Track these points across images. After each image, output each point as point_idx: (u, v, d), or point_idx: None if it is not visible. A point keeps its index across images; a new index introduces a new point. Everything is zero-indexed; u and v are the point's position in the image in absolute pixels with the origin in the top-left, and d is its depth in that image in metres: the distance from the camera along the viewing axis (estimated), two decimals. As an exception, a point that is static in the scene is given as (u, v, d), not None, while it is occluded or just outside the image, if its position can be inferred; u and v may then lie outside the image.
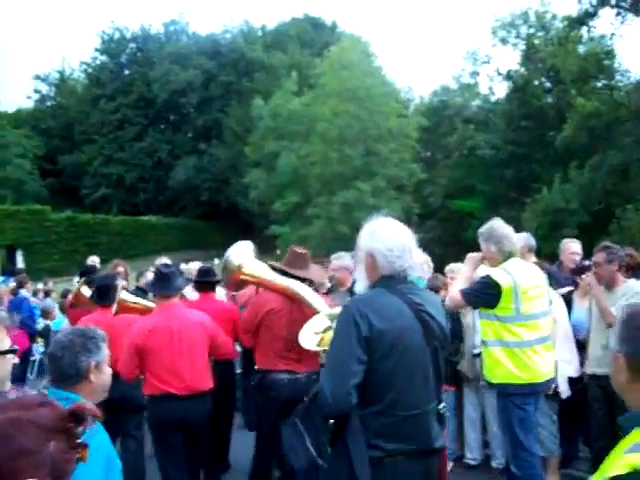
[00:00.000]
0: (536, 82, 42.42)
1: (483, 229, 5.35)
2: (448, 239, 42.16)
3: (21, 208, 43.25)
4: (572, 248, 7.74)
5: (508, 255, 5.15)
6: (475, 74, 47.00)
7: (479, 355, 6.15)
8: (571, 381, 6.16)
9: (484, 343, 5.21)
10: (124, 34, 62.05)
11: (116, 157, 56.40)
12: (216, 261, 36.25)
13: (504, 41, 44.09)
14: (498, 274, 5.01)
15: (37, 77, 63.46)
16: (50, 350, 3.12)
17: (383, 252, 3.37)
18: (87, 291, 6.93)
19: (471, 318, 6.77)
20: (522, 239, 7.75)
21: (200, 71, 56.58)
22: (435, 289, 6.62)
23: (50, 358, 3.09)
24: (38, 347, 14.42)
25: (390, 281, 3.35)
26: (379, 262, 3.39)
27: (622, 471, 1.72)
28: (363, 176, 39.18)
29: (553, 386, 5.66)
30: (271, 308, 5.58)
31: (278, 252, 41.54)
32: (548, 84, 42.44)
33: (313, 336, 4.72)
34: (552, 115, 39.33)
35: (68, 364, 3.03)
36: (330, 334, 3.84)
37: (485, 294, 5.02)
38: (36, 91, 63.79)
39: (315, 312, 5.21)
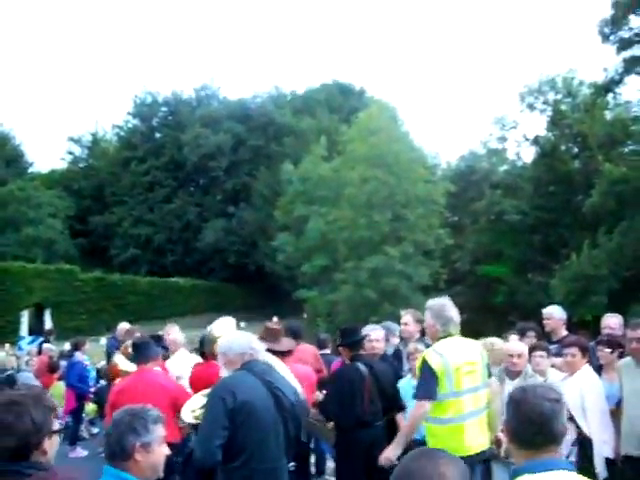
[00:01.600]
0: (563, 147, 42.63)
1: (434, 304, 5.58)
2: (476, 304, 41.87)
3: (51, 267, 43.64)
4: (610, 324, 7.59)
5: (447, 335, 5.43)
6: (502, 139, 47.20)
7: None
8: (608, 462, 6.05)
9: (425, 420, 5.36)
10: (156, 98, 63.24)
11: (146, 218, 57.00)
12: (242, 324, 36.34)
13: (531, 107, 44.49)
14: (431, 357, 5.29)
15: (71, 139, 64.81)
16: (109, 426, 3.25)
17: (237, 351, 4.60)
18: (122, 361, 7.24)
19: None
20: (558, 312, 7.81)
21: (230, 135, 57.36)
22: None
23: (105, 434, 3.21)
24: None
25: (250, 365, 4.51)
26: (234, 357, 4.58)
27: None
28: (391, 241, 39.22)
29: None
30: None
31: (305, 316, 41.64)
32: (575, 149, 42.63)
33: (190, 412, 5.40)
34: (579, 180, 39.34)
35: (115, 442, 3.13)
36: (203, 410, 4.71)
37: (431, 383, 5.23)
38: (69, 153, 65.05)
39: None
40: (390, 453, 5.49)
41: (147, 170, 58.49)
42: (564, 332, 7.67)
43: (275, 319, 41.00)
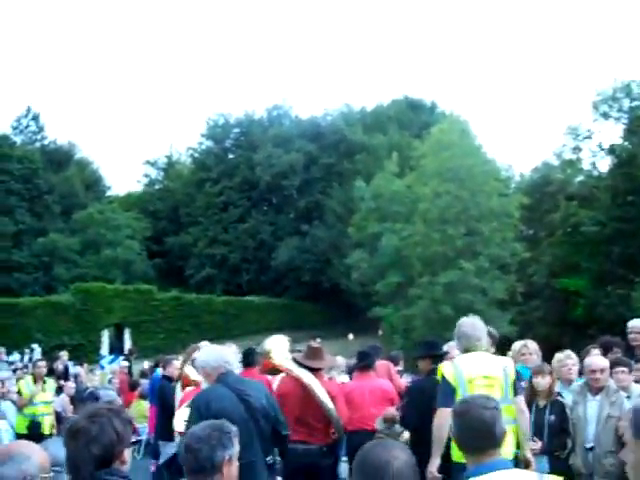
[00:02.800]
0: (641, 156, 41.57)
1: (459, 323, 6.00)
2: (553, 319, 41.21)
3: (129, 288, 44.71)
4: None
5: (465, 350, 5.82)
6: (577, 149, 46.25)
7: (592, 449, 6.31)
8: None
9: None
10: (228, 119, 64.18)
11: (220, 238, 57.73)
12: (318, 341, 36.25)
13: (606, 115, 43.59)
14: (444, 367, 5.75)
15: (147, 162, 66.35)
16: (186, 441, 3.30)
17: (212, 365, 5.32)
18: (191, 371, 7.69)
19: (582, 410, 6.62)
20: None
21: (302, 153, 57.76)
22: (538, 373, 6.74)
23: (187, 449, 3.25)
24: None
25: (223, 377, 5.24)
26: (210, 370, 5.31)
27: None
28: (465, 256, 38.84)
29: None
30: (285, 392, 6.92)
31: (380, 332, 41.53)
32: (654, 157, 41.49)
33: (183, 421, 6.15)
34: (659, 190, 38.37)
35: (205, 457, 3.19)
36: None
37: (447, 392, 5.52)
38: (145, 175, 66.60)
39: (316, 396, 6.74)
40: (432, 467, 5.63)
41: (221, 191, 59.32)
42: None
43: (351, 336, 41.35)
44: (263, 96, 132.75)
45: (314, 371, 6.91)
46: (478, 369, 5.65)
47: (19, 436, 10.30)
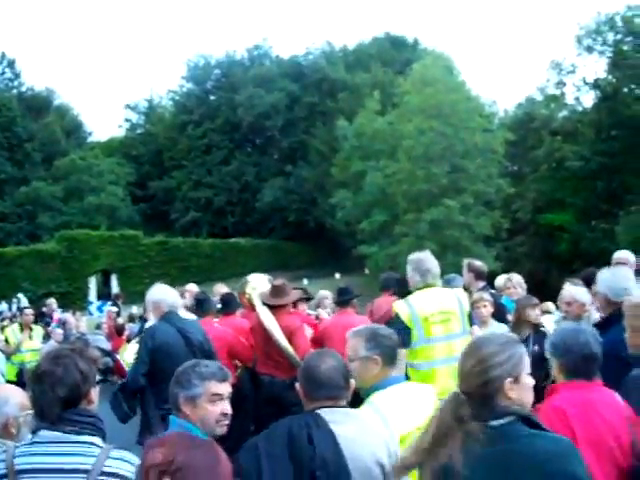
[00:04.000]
0: (625, 90, 41.40)
1: (413, 257, 6.01)
2: (539, 254, 41.48)
3: (115, 234, 44.59)
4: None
5: (425, 285, 5.83)
6: (561, 84, 45.94)
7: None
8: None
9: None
10: (209, 61, 63.40)
11: (204, 181, 57.50)
12: (305, 281, 36.64)
13: (590, 49, 43.23)
14: (398, 307, 5.77)
15: (127, 106, 65.63)
16: None
17: (155, 301, 6.23)
18: None
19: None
20: (632, 257, 7.60)
21: (284, 93, 57.27)
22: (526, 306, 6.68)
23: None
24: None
25: (167, 316, 6.11)
26: (161, 309, 6.16)
27: None
28: (450, 193, 38.86)
29: None
30: (252, 327, 7.42)
31: (367, 271, 41.71)
32: (638, 91, 41.32)
33: (133, 354, 7.16)
34: (644, 123, 38.30)
35: (170, 393, 3.36)
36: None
37: (402, 332, 5.34)
38: (127, 120, 65.90)
39: (270, 333, 7.02)
40: None
41: (203, 133, 58.90)
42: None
43: (337, 275, 41.54)
44: (243, 36, 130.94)
45: (277, 308, 7.17)
46: (434, 305, 5.72)
47: (9, 384, 10.34)
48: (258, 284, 7.65)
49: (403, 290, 6.97)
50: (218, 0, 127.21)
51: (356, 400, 3.52)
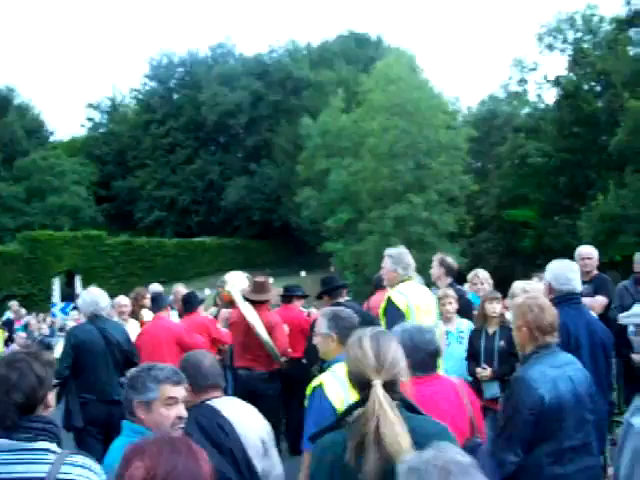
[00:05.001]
0: (586, 87, 41.86)
1: (394, 252, 6.20)
2: (503, 250, 41.87)
3: (78, 234, 44.11)
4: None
5: (407, 278, 6.08)
6: (523, 82, 46.44)
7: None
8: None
9: None
10: (172, 59, 62.88)
11: (168, 180, 57.06)
12: (270, 280, 36.39)
13: (551, 47, 43.65)
14: (395, 296, 5.90)
15: (90, 105, 64.73)
16: None
17: (85, 305, 7.07)
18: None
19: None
20: (596, 252, 7.71)
21: (248, 92, 56.95)
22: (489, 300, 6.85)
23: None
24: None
25: (93, 317, 6.86)
26: (85, 309, 7.09)
27: None
28: (415, 190, 39.05)
29: None
30: (232, 322, 7.91)
31: (332, 269, 41.72)
32: (599, 88, 41.81)
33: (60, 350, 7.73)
34: (604, 120, 38.67)
35: (124, 399, 3.31)
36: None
37: (399, 320, 5.41)
38: (89, 119, 65.07)
39: (252, 327, 7.41)
40: None
41: (167, 132, 58.42)
42: (595, 272, 7.59)
43: (303, 273, 41.53)
44: (207, 34, 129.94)
45: (258, 304, 7.62)
46: (420, 297, 6.03)
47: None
48: (237, 281, 8.07)
49: (330, 289, 7.53)
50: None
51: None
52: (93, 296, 7.00)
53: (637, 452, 2.91)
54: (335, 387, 3.87)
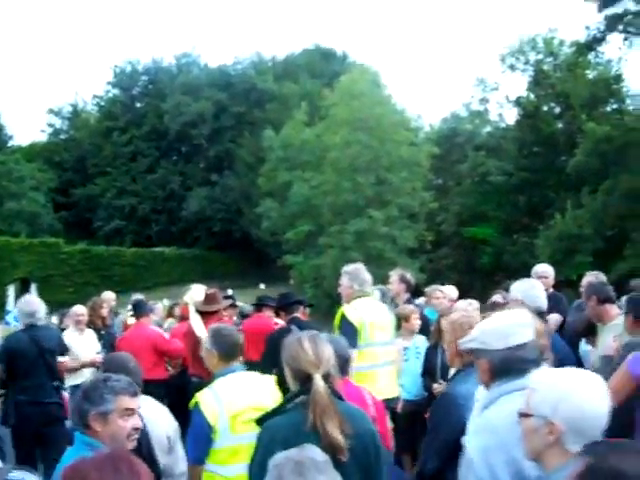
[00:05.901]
0: (546, 108, 42.47)
1: (350, 269, 6.41)
2: (462, 266, 42.08)
3: (35, 241, 43.60)
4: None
5: (363, 295, 6.22)
6: (485, 101, 47.10)
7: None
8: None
9: None
10: (136, 67, 62.63)
11: (129, 189, 56.68)
12: (229, 291, 36.26)
13: (513, 68, 44.32)
14: (347, 311, 6.08)
15: (51, 111, 64.08)
16: None
17: (22, 315, 7.38)
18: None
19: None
20: (552, 270, 7.83)
21: (211, 102, 56.83)
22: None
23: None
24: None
25: (28, 326, 7.10)
26: (24, 319, 7.23)
27: None
28: (375, 205, 39.15)
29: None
30: (185, 332, 7.92)
31: (292, 282, 41.68)
32: (558, 109, 42.44)
33: None
34: (563, 140, 39.33)
35: (74, 409, 3.24)
36: None
37: (348, 331, 5.88)
38: (50, 125, 64.39)
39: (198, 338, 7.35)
40: None
41: (129, 140, 58.05)
42: (551, 290, 7.67)
43: (262, 286, 41.35)
44: (171, 43, 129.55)
45: (209, 314, 7.74)
46: (374, 313, 6.19)
47: None
48: (196, 294, 8.20)
49: (286, 304, 7.69)
50: (146, 6, 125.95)
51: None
52: (31, 305, 7.33)
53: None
54: (211, 403, 4.12)
